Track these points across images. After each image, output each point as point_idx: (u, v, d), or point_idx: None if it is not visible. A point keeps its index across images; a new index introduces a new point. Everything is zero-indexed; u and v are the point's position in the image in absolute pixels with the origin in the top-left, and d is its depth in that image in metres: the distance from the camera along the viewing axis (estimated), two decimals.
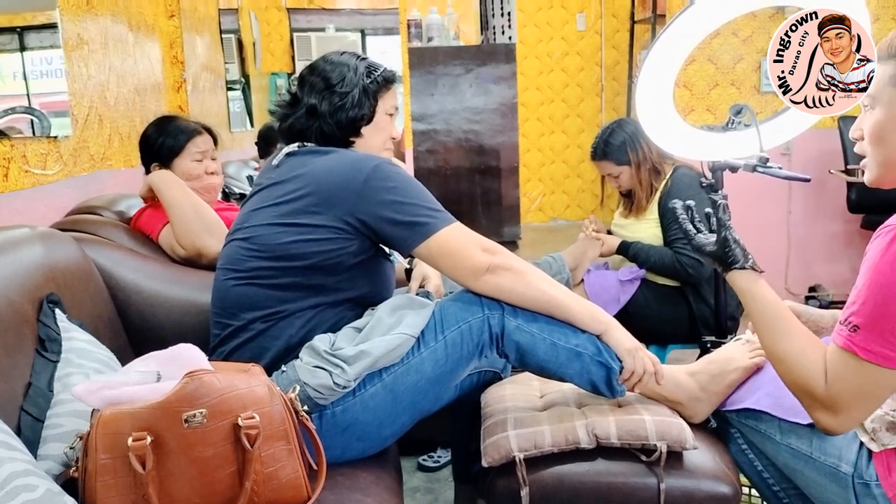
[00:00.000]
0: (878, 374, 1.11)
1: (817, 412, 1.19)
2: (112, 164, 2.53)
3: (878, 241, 1.11)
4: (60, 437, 1.20)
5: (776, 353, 1.25)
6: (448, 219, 1.46)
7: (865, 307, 1.10)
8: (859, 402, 1.15)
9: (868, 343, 1.10)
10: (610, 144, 2.49)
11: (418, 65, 4.16)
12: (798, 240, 4.01)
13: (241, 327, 1.48)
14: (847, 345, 1.13)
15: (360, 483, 1.35)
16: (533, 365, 1.48)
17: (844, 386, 1.14)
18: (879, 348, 1.09)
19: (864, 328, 1.10)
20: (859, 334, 1.11)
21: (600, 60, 6.19)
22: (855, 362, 1.12)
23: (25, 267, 1.42)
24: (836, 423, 1.17)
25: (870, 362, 1.10)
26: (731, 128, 1.93)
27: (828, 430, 1.19)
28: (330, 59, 1.60)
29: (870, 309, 1.10)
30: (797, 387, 1.22)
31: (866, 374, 1.12)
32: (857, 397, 1.14)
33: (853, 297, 1.13)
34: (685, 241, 2.35)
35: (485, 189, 4.32)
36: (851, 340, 1.12)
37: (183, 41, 3.35)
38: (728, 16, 1.84)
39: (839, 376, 1.15)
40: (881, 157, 1.18)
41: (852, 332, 1.12)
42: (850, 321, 1.12)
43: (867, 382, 1.12)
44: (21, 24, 2.09)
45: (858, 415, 1.17)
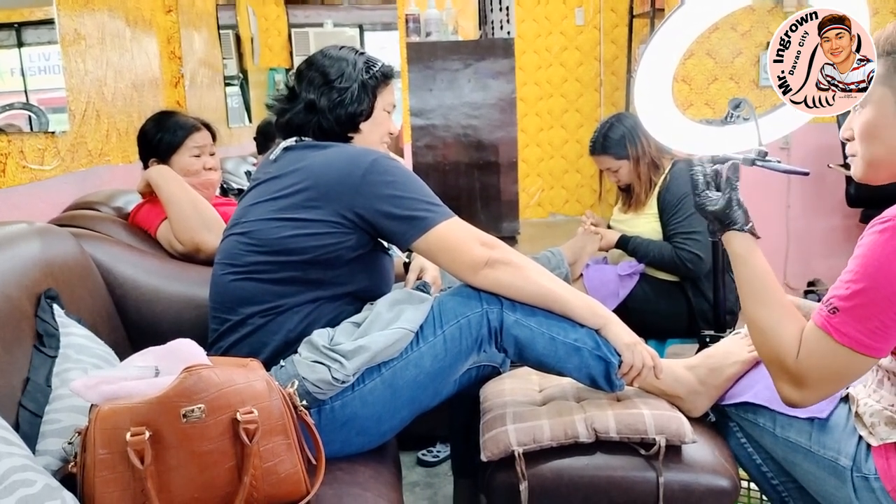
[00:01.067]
0: (849, 358, 1.12)
1: (782, 382, 1.21)
2: (110, 160, 2.53)
3: (874, 232, 1.11)
4: (59, 433, 1.20)
5: (755, 321, 1.26)
6: (446, 213, 1.46)
7: (849, 292, 1.11)
8: (826, 381, 1.17)
9: (844, 326, 1.11)
10: (609, 139, 2.49)
11: (416, 60, 4.15)
12: (797, 234, 4.01)
13: (239, 322, 1.47)
14: (824, 325, 1.14)
15: (359, 478, 1.35)
16: (532, 359, 1.48)
17: (814, 363, 1.16)
18: (855, 333, 1.11)
19: (844, 311, 1.12)
20: (837, 317, 1.12)
21: (599, 55, 6.18)
22: (829, 342, 1.13)
23: (23, 262, 1.42)
24: (799, 397, 1.20)
25: (843, 345, 1.12)
26: (730, 122, 1.92)
27: (790, 402, 1.22)
28: (328, 54, 1.59)
29: (853, 294, 1.11)
30: (769, 356, 1.23)
31: (838, 356, 1.13)
32: (825, 377, 1.16)
33: (840, 280, 1.14)
34: (685, 235, 2.36)
35: (483, 184, 4.31)
36: (829, 321, 1.13)
37: (180, 36, 3.34)
38: (726, 10, 1.84)
39: (811, 353, 1.16)
40: (870, 155, 1.19)
41: (831, 313, 1.13)
42: (830, 302, 1.14)
43: (838, 364, 1.14)
44: (18, 20, 2.09)
45: (823, 393, 1.19)
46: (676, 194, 2.40)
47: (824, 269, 4.02)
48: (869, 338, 1.10)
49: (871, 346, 1.11)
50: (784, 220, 4.01)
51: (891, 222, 1.09)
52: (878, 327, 1.10)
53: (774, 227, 3.99)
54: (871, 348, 1.11)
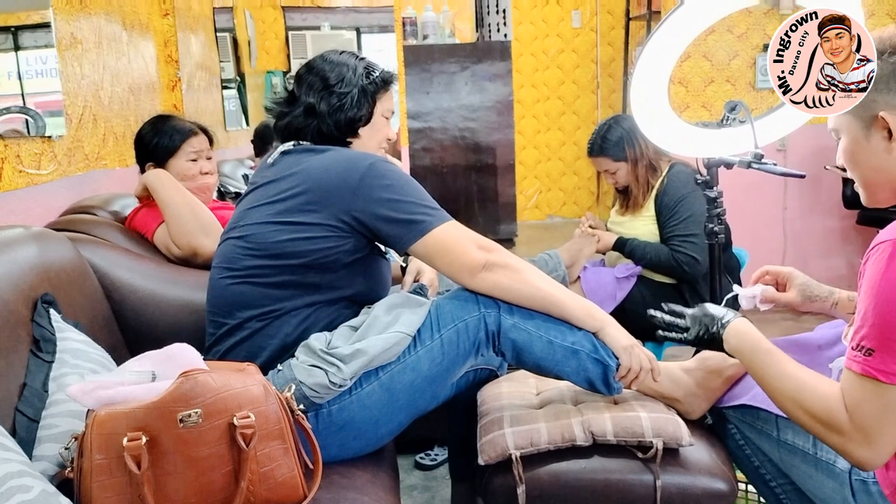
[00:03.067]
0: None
1: (848, 446, 1.13)
2: (107, 164, 2.52)
3: (873, 259, 1.09)
4: (55, 438, 1.20)
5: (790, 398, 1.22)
6: (444, 217, 1.46)
7: (875, 329, 1.07)
8: (888, 426, 1.09)
9: (886, 364, 1.07)
10: (607, 141, 2.49)
11: (414, 63, 4.16)
12: (794, 235, 4.02)
13: (236, 326, 1.47)
14: (865, 370, 1.08)
15: (356, 482, 1.35)
16: (529, 363, 1.48)
17: (868, 412, 1.10)
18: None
19: (880, 350, 1.07)
20: (875, 357, 1.07)
21: (596, 57, 6.19)
22: (875, 386, 1.08)
23: (20, 267, 1.41)
24: (871, 455, 1.12)
25: (892, 384, 1.07)
26: (726, 124, 1.93)
27: (864, 465, 1.14)
28: (329, 59, 1.59)
29: (879, 329, 1.07)
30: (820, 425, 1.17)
31: (890, 397, 1.08)
32: (885, 422, 1.09)
33: (859, 320, 1.10)
34: (682, 238, 2.36)
35: (481, 187, 4.32)
36: (869, 365, 1.08)
37: (177, 40, 3.34)
38: (722, 12, 1.84)
39: (860, 403, 1.10)
40: (861, 179, 1.22)
41: (867, 356, 1.08)
42: (862, 345, 1.09)
43: (892, 404, 1.08)
44: (15, 24, 2.08)
45: (890, 441, 1.11)
46: (674, 197, 2.40)
47: (821, 271, 4.02)
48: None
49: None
50: (781, 221, 4.01)
51: (891, 245, 1.07)
52: None
53: (771, 229, 4.00)
54: None
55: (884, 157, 1.16)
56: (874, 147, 1.17)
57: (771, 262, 4.15)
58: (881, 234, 1.10)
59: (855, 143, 1.20)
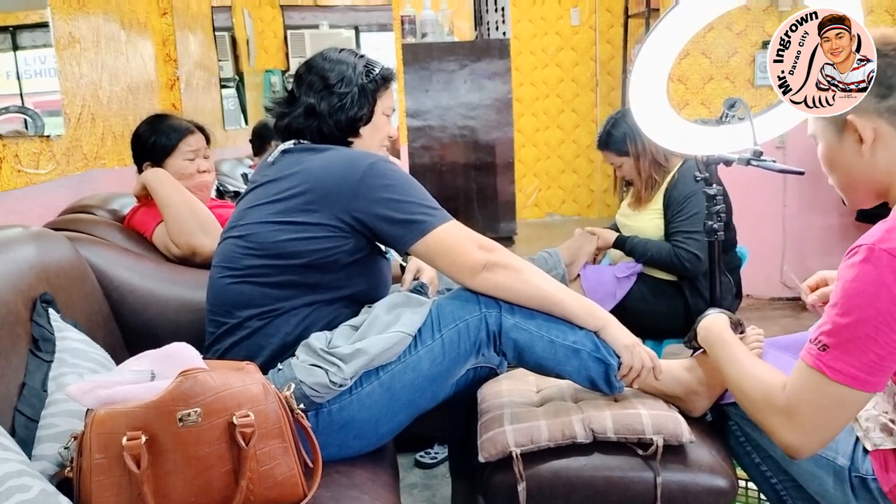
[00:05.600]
0: (844, 394, 1.11)
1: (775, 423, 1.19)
2: (105, 163, 2.52)
3: (847, 261, 1.12)
4: (55, 437, 1.20)
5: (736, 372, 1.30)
6: (444, 216, 1.46)
7: (835, 328, 1.11)
8: (822, 421, 1.14)
9: (836, 362, 1.10)
10: (612, 135, 2.50)
11: (412, 61, 4.15)
12: (793, 233, 4.01)
13: (236, 325, 1.47)
14: (815, 363, 1.13)
15: (356, 480, 1.35)
16: (531, 363, 1.48)
17: (807, 401, 1.15)
18: (849, 368, 1.10)
19: (834, 347, 1.11)
20: (828, 353, 1.11)
21: (595, 55, 6.19)
22: (822, 380, 1.12)
23: (18, 266, 1.41)
24: (797, 440, 1.17)
25: (837, 382, 1.11)
26: (726, 121, 1.92)
27: (789, 446, 1.19)
28: (328, 57, 1.58)
29: (839, 329, 1.10)
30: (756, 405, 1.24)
31: (832, 394, 1.12)
32: (821, 417, 1.14)
33: (825, 317, 1.14)
34: (685, 234, 2.36)
35: (480, 185, 4.32)
36: (820, 359, 1.12)
37: (176, 39, 3.34)
38: (721, 9, 1.84)
39: (802, 392, 1.15)
40: (839, 182, 1.26)
41: (822, 350, 1.12)
42: (819, 340, 1.13)
43: (832, 402, 1.13)
44: (13, 24, 2.08)
45: (821, 435, 1.16)
46: (683, 192, 2.40)
47: (821, 268, 3.97)
48: (863, 372, 1.09)
49: (865, 381, 1.10)
50: (780, 219, 4.01)
51: (867, 250, 1.09)
52: (872, 360, 1.09)
53: (771, 227, 4.00)
54: (866, 383, 1.10)
55: (857, 160, 1.20)
56: (847, 150, 1.20)
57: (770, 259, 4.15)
58: (863, 237, 1.12)
59: (830, 148, 1.24)
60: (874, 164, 1.18)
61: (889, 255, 1.07)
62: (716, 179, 1.95)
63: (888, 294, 1.06)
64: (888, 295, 1.06)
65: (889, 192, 1.20)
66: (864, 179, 1.21)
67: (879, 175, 1.19)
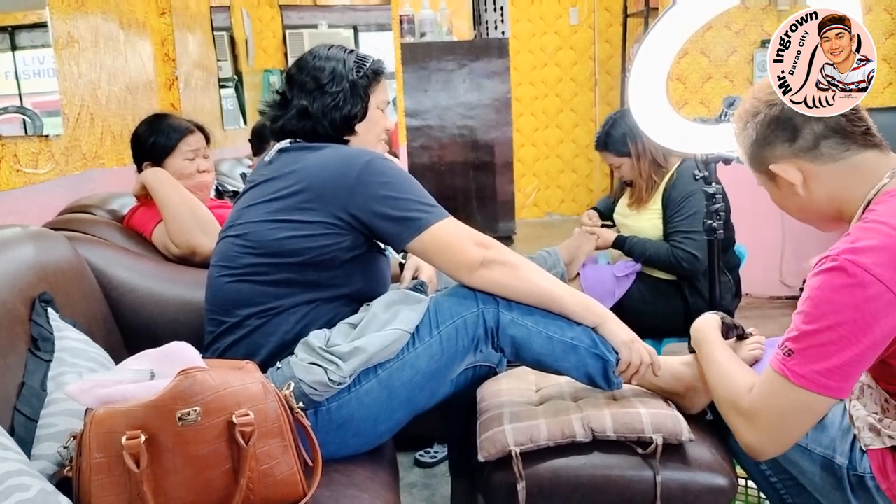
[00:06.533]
0: (807, 400, 1.13)
1: (742, 428, 1.22)
2: (104, 163, 2.52)
3: (820, 271, 1.13)
4: (54, 437, 1.20)
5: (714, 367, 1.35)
6: (441, 213, 1.46)
7: (800, 334, 1.13)
8: (784, 424, 1.17)
9: (800, 367, 1.12)
10: (611, 136, 2.50)
11: (411, 61, 4.15)
12: (792, 232, 4.01)
13: (235, 324, 1.47)
14: (780, 368, 1.15)
15: (356, 479, 1.35)
16: (529, 359, 1.48)
17: (770, 404, 1.17)
18: (812, 374, 1.11)
19: (799, 353, 1.12)
20: (793, 358, 1.13)
21: (594, 54, 6.18)
22: (784, 385, 1.14)
23: (17, 266, 1.41)
24: (755, 439, 1.20)
25: (800, 387, 1.12)
26: (725, 120, 1.92)
27: (747, 445, 1.22)
28: (318, 54, 1.57)
29: (803, 336, 1.12)
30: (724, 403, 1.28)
31: (794, 398, 1.14)
32: (783, 420, 1.16)
33: (792, 324, 1.16)
34: (684, 234, 2.36)
35: (479, 184, 4.31)
36: (784, 364, 1.14)
37: (174, 39, 3.33)
38: (720, 8, 1.84)
39: (766, 394, 1.18)
40: (798, 217, 1.32)
41: (787, 356, 1.14)
42: (786, 345, 1.15)
43: (793, 406, 1.14)
44: (12, 24, 2.08)
45: (782, 437, 1.19)
46: (682, 192, 2.40)
47: None
48: (825, 377, 1.11)
49: (827, 386, 1.11)
50: (779, 218, 4.00)
51: (835, 260, 1.10)
52: (836, 366, 1.10)
53: (770, 225, 3.98)
54: (829, 388, 1.11)
55: (799, 199, 1.26)
56: (787, 193, 1.27)
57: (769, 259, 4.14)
58: (829, 249, 1.14)
59: (773, 195, 1.31)
60: (814, 199, 1.24)
61: (853, 264, 1.08)
62: (715, 178, 1.95)
63: (851, 303, 1.08)
64: (851, 304, 1.08)
65: (842, 214, 1.24)
66: (815, 211, 1.27)
67: (823, 205, 1.24)
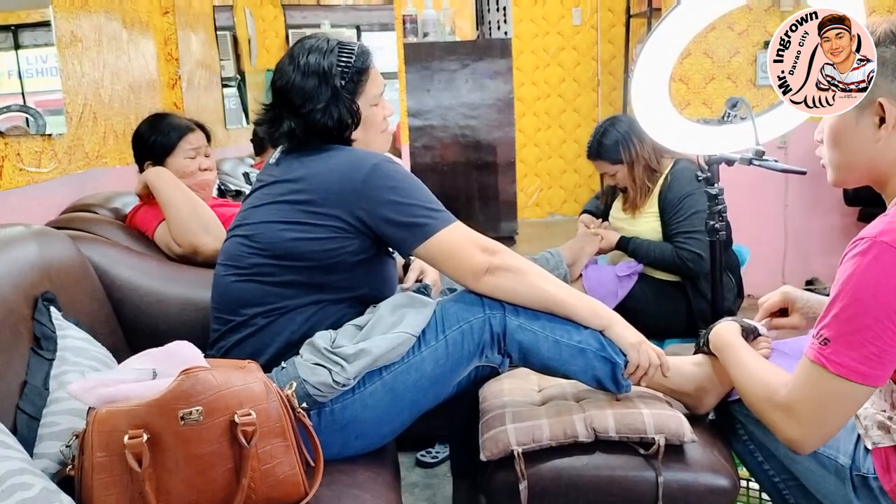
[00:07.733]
0: (845, 389, 1.11)
1: (782, 423, 1.19)
2: (107, 162, 2.52)
3: (850, 253, 1.11)
4: (56, 436, 1.20)
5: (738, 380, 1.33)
6: (448, 219, 1.45)
7: (837, 321, 1.10)
8: (824, 415, 1.14)
9: (838, 356, 1.10)
10: (603, 144, 2.49)
11: (414, 60, 4.15)
12: (795, 232, 4.01)
13: (241, 323, 1.47)
14: (816, 357, 1.12)
15: (357, 479, 1.34)
16: (537, 363, 1.47)
17: (808, 396, 1.14)
18: (850, 362, 1.09)
19: (836, 341, 1.10)
20: (830, 347, 1.11)
21: (597, 55, 6.18)
22: (822, 374, 1.12)
23: (20, 265, 1.41)
24: (800, 436, 1.17)
25: (838, 375, 1.10)
26: (727, 121, 1.92)
27: (790, 440, 1.19)
28: (298, 63, 1.52)
29: (841, 323, 1.10)
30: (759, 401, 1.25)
31: (833, 388, 1.11)
32: (822, 411, 1.14)
33: (826, 310, 1.13)
34: (686, 234, 2.36)
35: (481, 184, 4.31)
36: (821, 353, 1.12)
37: (177, 38, 3.34)
38: (723, 9, 1.84)
39: (804, 387, 1.15)
40: (836, 160, 1.23)
41: (823, 344, 1.12)
42: (821, 334, 1.12)
43: (832, 395, 1.12)
44: (15, 22, 2.08)
45: (823, 429, 1.16)
46: (678, 194, 2.39)
47: (822, 268, 4.02)
48: (865, 365, 1.09)
49: (866, 374, 1.09)
50: (782, 218, 4.01)
51: (869, 242, 1.08)
52: (874, 353, 1.08)
53: (772, 226, 3.99)
54: (867, 376, 1.09)
55: (868, 144, 1.17)
56: (862, 131, 1.17)
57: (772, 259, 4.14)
58: (864, 230, 1.12)
59: (843, 123, 1.19)
60: (885, 151, 1.16)
61: (891, 247, 1.06)
62: (717, 179, 1.95)
63: (889, 286, 1.06)
64: (889, 287, 1.06)
65: (889, 182, 1.19)
66: (867, 164, 1.19)
67: (884, 163, 1.17)
